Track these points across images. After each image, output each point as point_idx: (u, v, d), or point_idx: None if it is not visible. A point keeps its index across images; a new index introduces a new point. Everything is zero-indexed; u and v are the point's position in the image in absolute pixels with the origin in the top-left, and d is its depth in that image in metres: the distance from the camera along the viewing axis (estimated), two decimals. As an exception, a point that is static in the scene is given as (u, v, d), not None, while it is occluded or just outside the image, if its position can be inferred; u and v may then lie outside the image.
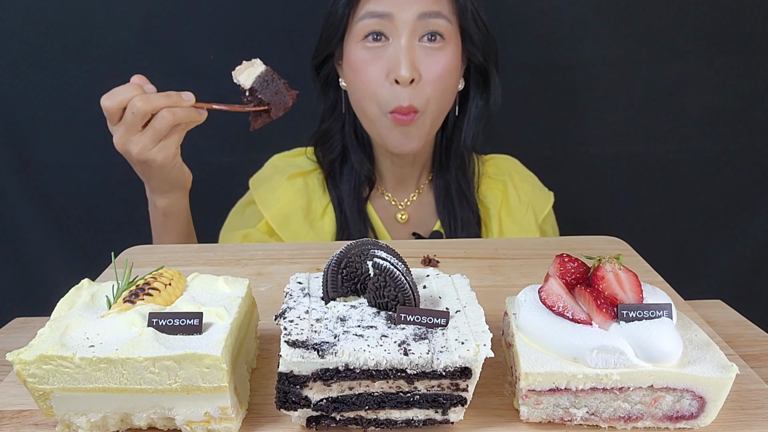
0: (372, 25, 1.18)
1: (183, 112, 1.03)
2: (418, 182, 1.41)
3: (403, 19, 1.17)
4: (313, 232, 1.31)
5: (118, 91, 1.02)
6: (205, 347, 0.61)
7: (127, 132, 1.03)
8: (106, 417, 0.65)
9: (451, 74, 1.23)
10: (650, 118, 1.67)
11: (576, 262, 0.71)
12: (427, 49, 1.19)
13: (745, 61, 1.60)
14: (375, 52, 1.20)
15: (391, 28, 1.18)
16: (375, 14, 1.18)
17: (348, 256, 0.71)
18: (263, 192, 1.33)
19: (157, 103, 1.01)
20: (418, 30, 1.18)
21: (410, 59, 1.16)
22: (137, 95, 1.00)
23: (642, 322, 0.65)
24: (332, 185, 1.36)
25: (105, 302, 0.69)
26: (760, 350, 0.87)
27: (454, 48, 1.22)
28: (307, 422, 0.65)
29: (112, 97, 1.01)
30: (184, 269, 0.79)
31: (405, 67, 1.15)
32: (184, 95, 1.04)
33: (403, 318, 0.65)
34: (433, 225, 1.39)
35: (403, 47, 1.17)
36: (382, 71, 1.19)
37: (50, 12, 1.50)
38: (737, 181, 1.72)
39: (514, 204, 1.37)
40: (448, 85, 1.23)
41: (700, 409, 0.65)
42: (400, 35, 1.17)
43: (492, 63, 1.30)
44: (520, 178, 1.43)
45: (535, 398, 0.65)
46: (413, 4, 1.17)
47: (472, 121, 1.33)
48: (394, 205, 1.39)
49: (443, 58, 1.20)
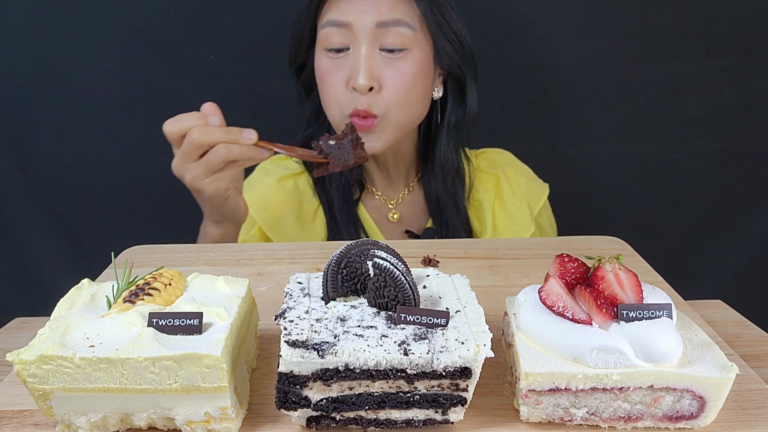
0: (333, 34, 1.19)
1: (239, 150, 1.01)
2: (406, 181, 1.41)
3: (361, 28, 1.17)
4: (305, 235, 1.31)
5: (181, 118, 1.01)
6: (205, 347, 0.61)
7: (184, 159, 1.02)
8: (106, 417, 0.65)
9: (414, 83, 1.21)
10: (650, 118, 1.67)
11: (576, 262, 0.71)
12: (388, 59, 1.18)
13: (745, 61, 1.60)
14: (337, 62, 1.20)
15: (351, 37, 1.18)
16: (335, 23, 1.18)
17: (348, 256, 0.71)
18: (254, 195, 1.32)
19: (214, 137, 1.00)
20: (378, 39, 1.18)
21: (369, 68, 1.16)
22: (197, 126, 1.00)
23: (642, 322, 0.65)
24: (321, 189, 1.35)
25: (105, 302, 0.69)
26: (760, 350, 0.87)
27: (418, 56, 1.20)
28: (307, 422, 0.65)
29: (174, 124, 1.01)
30: (184, 269, 0.79)
31: (363, 76, 1.15)
32: (246, 133, 1.02)
33: (403, 318, 0.65)
34: (425, 222, 1.39)
35: (362, 56, 1.17)
36: (342, 79, 1.19)
37: (50, 12, 1.50)
38: (737, 181, 1.72)
39: (507, 197, 1.37)
40: (413, 93, 1.22)
41: (700, 409, 0.65)
42: (359, 44, 1.18)
43: (469, 72, 1.29)
44: (514, 170, 1.43)
45: (535, 398, 0.65)
46: (371, 11, 1.16)
47: (451, 130, 1.33)
48: (385, 204, 1.39)
49: (404, 67, 1.19)
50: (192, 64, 1.57)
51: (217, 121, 1.02)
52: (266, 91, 1.57)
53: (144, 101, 1.57)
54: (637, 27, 1.58)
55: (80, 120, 1.57)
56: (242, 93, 1.59)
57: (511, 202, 1.37)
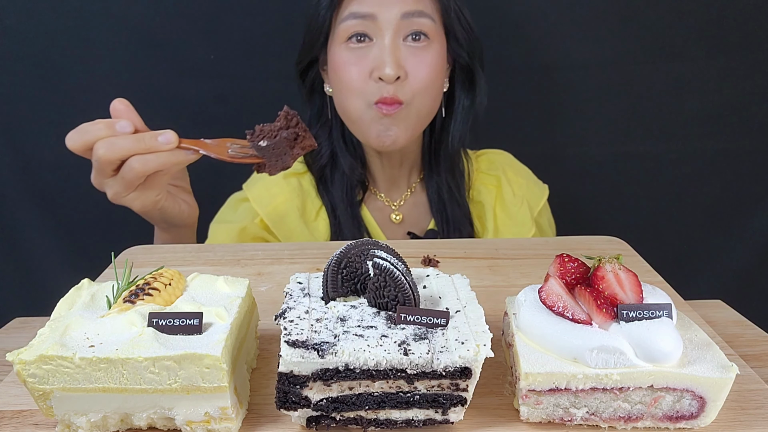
0: (355, 26, 1.18)
1: (157, 160, 0.86)
2: (409, 182, 1.41)
3: (386, 19, 1.16)
4: (308, 232, 1.31)
5: (84, 129, 0.88)
6: (205, 347, 0.61)
7: (99, 175, 0.90)
8: (106, 417, 0.65)
9: (437, 73, 1.22)
10: (650, 118, 1.67)
11: (576, 262, 0.71)
12: (412, 49, 1.19)
13: (745, 61, 1.60)
14: (358, 53, 1.19)
15: (375, 29, 1.18)
16: (358, 15, 1.17)
17: (348, 256, 0.71)
18: (258, 190, 1.32)
19: (123, 150, 0.85)
20: (402, 29, 1.18)
21: (395, 58, 1.16)
22: (102, 138, 0.86)
23: (642, 322, 0.65)
24: (324, 190, 1.35)
25: (105, 302, 0.69)
26: (760, 350, 0.87)
27: (438, 47, 1.22)
28: (307, 422, 0.65)
29: (76, 137, 0.88)
30: (184, 269, 0.79)
31: (390, 66, 1.15)
32: (162, 138, 0.86)
33: (403, 318, 0.65)
34: (428, 224, 1.39)
35: (387, 46, 1.16)
36: (365, 70, 1.18)
37: (50, 12, 1.50)
38: (737, 181, 1.72)
39: (508, 199, 1.37)
40: (435, 83, 1.23)
41: (700, 409, 0.65)
42: (383, 35, 1.17)
43: (477, 62, 1.30)
44: (514, 172, 1.43)
45: (535, 398, 0.65)
46: (396, 3, 1.16)
47: (459, 122, 1.33)
48: (388, 206, 1.39)
49: (428, 57, 1.20)
50: (192, 64, 1.57)
51: (128, 127, 0.87)
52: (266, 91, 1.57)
53: (144, 101, 1.56)
54: (637, 27, 1.59)
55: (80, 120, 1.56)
56: (242, 93, 1.59)
57: (512, 204, 1.37)
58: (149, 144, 0.86)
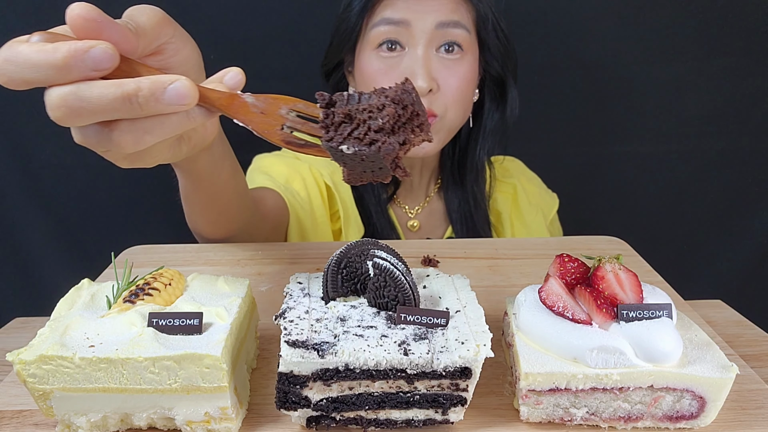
0: (387, 33, 1.14)
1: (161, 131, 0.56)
2: (427, 191, 1.39)
3: (420, 28, 1.12)
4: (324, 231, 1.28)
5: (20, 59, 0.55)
6: (205, 347, 0.61)
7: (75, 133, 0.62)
8: (106, 417, 0.65)
9: (468, 86, 1.19)
10: (650, 118, 1.67)
11: (576, 262, 0.71)
12: (445, 60, 1.15)
13: (745, 61, 1.61)
14: (389, 62, 1.15)
15: (408, 37, 1.13)
16: (391, 21, 1.13)
17: (348, 256, 0.71)
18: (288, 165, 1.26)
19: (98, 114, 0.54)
20: (436, 40, 1.14)
21: (427, 69, 1.12)
22: (56, 84, 0.56)
23: (642, 322, 0.65)
24: (356, 194, 1.31)
25: (105, 302, 0.69)
26: (760, 350, 0.87)
27: (471, 59, 1.18)
28: (307, 422, 0.65)
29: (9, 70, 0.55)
30: (184, 269, 0.79)
31: (422, 78, 1.10)
32: (172, 92, 0.53)
33: (403, 318, 0.65)
34: (444, 232, 1.38)
35: (419, 57, 1.12)
36: (397, 80, 1.16)
37: (50, 12, 1.50)
38: (737, 181, 1.72)
39: (524, 206, 1.36)
40: (466, 96, 1.20)
41: (700, 409, 0.65)
42: (416, 44, 1.13)
43: (510, 74, 1.26)
44: (527, 179, 1.43)
45: (535, 398, 0.65)
46: (432, 12, 1.12)
47: (488, 134, 1.30)
48: (405, 213, 1.38)
49: (461, 70, 1.16)
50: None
51: (107, 62, 0.53)
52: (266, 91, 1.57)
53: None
54: (637, 27, 1.59)
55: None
56: (242, 93, 1.59)
57: (527, 211, 1.36)
58: (148, 106, 0.52)
